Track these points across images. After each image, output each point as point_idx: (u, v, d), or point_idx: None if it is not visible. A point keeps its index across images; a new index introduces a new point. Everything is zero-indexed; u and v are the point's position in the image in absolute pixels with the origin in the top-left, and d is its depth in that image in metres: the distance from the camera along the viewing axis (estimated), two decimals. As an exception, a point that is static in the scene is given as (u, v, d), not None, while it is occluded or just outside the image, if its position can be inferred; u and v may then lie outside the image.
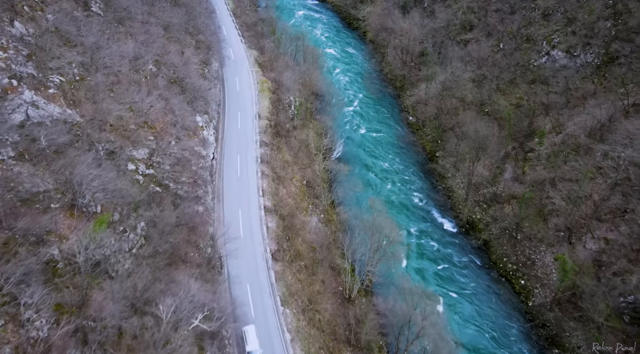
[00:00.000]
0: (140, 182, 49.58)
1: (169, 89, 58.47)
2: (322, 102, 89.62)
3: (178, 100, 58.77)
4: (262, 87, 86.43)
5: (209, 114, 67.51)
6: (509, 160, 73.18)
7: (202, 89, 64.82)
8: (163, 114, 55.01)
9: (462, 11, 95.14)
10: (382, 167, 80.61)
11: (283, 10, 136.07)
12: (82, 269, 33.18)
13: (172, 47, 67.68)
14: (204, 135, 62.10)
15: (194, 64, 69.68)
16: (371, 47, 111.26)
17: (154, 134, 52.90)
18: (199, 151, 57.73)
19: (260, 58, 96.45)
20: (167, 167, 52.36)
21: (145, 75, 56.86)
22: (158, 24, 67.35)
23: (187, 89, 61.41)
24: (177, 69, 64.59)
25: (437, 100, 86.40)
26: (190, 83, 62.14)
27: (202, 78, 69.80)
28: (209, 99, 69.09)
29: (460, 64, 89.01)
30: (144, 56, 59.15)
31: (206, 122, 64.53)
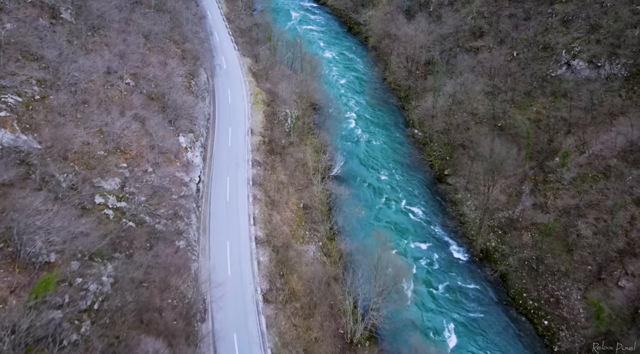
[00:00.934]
0: (110, 218, 42.84)
1: (147, 107, 51.68)
2: (320, 115, 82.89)
3: (158, 119, 51.99)
4: (256, 99, 79.67)
5: (195, 132, 60.70)
6: (527, 181, 66.41)
7: (187, 104, 58.05)
8: (139, 137, 48.22)
9: (471, 16, 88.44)
10: (386, 186, 73.75)
11: (280, 14, 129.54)
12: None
13: (154, 58, 60.91)
14: (188, 157, 55.30)
15: (179, 76, 62.93)
16: (373, 55, 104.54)
17: (128, 160, 46.10)
18: (180, 177, 50.92)
19: (255, 66, 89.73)
20: (142, 199, 45.58)
21: (119, 91, 50.05)
22: (138, 32, 60.62)
23: (169, 106, 54.61)
24: (158, 82, 57.83)
25: (445, 113, 79.64)
26: (173, 99, 55.35)
27: (188, 92, 63.00)
28: (195, 115, 62.30)
29: (470, 74, 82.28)
30: (120, 69, 52.38)
31: (191, 142, 57.74)
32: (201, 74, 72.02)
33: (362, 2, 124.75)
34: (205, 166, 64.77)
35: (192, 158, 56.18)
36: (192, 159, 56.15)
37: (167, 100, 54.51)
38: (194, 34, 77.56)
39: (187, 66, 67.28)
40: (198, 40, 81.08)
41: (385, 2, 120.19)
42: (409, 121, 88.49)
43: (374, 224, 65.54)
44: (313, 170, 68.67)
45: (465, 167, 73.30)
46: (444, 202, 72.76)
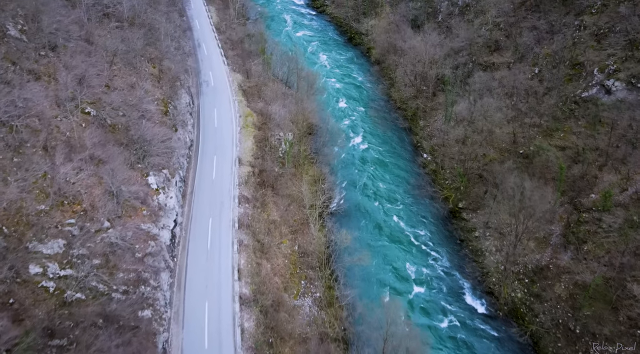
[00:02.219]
0: (50, 292, 33.90)
1: (107, 144, 42.69)
2: (318, 138, 73.95)
3: (121, 158, 43.01)
4: (246, 121, 70.77)
5: (171, 167, 51.70)
6: (557, 221, 57.39)
7: (160, 136, 49.09)
8: (93, 183, 39.20)
9: (486, 28, 79.70)
10: (392, 222, 64.62)
11: (275, 22, 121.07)
12: None
13: (122, 81, 52.05)
14: (160, 201, 46.25)
15: (153, 101, 54.04)
16: (377, 69, 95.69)
17: (77, 214, 37.09)
18: (147, 229, 41.86)
19: (246, 83, 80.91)
20: (94, 263, 36.57)
21: (73, 126, 41.08)
22: (104, 50, 51.74)
23: (136, 141, 45.62)
24: (126, 111, 48.88)
25: (459, 140, 70.70)
26: (142, 131, 46.38)
27: (163, 120, 54.04)
28: (172, 147, 53.30)
29: (486, 92, 73.41)
30: (76, 97, 43.46)
31: (165, 180, 48.74)
32: (182, 96, 63.11)
33: (363, 10, 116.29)
34: (184, 203, 55.83)
35: (165, 201, 47.14)
36: (165, 202, 47.11)
37: (133, 134, 45.50)
38: (176, 49, 68.77)
39: (165, 88, 58.39)
40: (181, 55, 72.29)
41: (388, 11, 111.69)
42: (417, 144, 79.52)
43: (379, 273, 56.45)
44: (310, 207, 59.63)
45: (483, 200, 64.38)
46: (459, 241, 63.69)
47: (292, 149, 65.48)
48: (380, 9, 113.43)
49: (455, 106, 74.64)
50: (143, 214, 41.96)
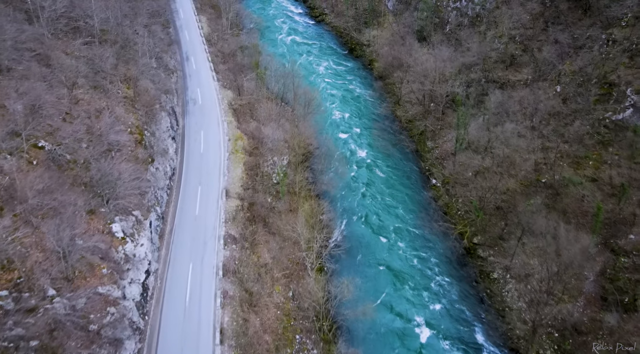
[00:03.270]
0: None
1: (57, 189, 35.34)
2: (317, 164, 66.64)
3: (78, 204, 35.68)
4: (236, 146, 63.54)
5: (144, 206, 44.33)
6: (591, 265, 50.00)
7: (130, 171, 41.73)
8: (36, 241, 31.87)
9: (500, 41, 72.70)
10: (398, 261, 57.14)
11: (271, 31, 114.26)
12: None
13: (87, 107, 44.85)
14: (127, 251, 38.85)
15: (125, 129, 46.78)
16: (380, 85, 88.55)
17: (12, 284, 29.72)
18: (107, 292, 34.40)
19: (237, 101, 73.78)
20: (33, 344, 29.17)
21: (15, 168, 33.75)
22: (68, 71, 44.53)
23: (98, 182, 38.25)
24: (91, 142, 41.63)
25: (471, 164, 63.45)
26: (107, 167, 39.05)
27: (136, 150, 46.71)
28: (147, 182, 46.00)
29: (502, 113, 66.34)
30: (26, 130, 36.22)
31: (134, 225, 41.35)
32: (162, 119, 55.87)
33: (364, 19, 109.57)
34: (161, 245, 48.47)
35: (133, 251, 39.72)
36: (133, 252, 39.70)
37: (96, 172, 38.13)
38: (157, 66, 61.68)
39: (141, 112, 51.18)
40: (165, 72, 65.29)
41: (391, 20, 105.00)
42: (425, 168, 72.26)
43: (386, 323, 48.91)
44: (306, 248, 52.22)
45: (502, 236, 57.04)
46: (474, 283, 56.24)
47: (287, 179, 58.21)
48: (382, 19, 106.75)
49: (468, 127, 67.51)
50: (102, 273, 34.56)
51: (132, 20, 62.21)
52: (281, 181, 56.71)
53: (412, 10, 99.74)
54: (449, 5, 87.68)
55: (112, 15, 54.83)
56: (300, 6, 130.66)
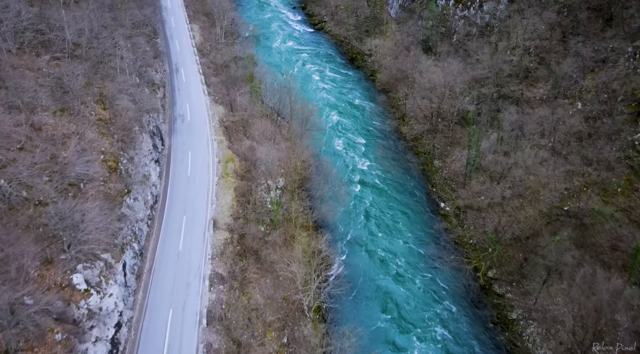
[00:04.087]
0: None
1: (4, 236, 29.64)
2: (315, 187, 60.91)
3: (29, 254, 29.96)
4: (226, 168, 57.92)
5: (116, 247, 38.64)
6: (624, 309, 44.24)
7: (99, 208, 36.09)
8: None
9: (514, 53, 67.27)
10: (404, 299, 51.37)
11: (268, 39, 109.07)
12: None
13: (52, 133, 39.25)
14: (90, 306, 33.09)
15: (98, 156, 41.14)
16: (383, 99, 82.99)
17: None
18: (60, 363, 28.64)
19: (229, 118, 68.24)
20: None
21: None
22: (28, 91, 38.92)
23: (59, 222, 32.55)
24: (53, 175, 36.00)
25: (485, 190, 57.81)
26: (69, 205, 33.39)
27: (109, 181, 41.03)
28: (126, 215, 40.36)
29: (517, 132, 60.88)
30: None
31: (101, 272, 35.61)
32: (143, 142, 50.23)
33: (366, 28, 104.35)
34: (138, 288, 42.73)
35: (99, 304, 33.96)
36: (99, 305, 33.93)
37: (56, 213, 32.44)
38: (140, 81, 56.18)
39: (117, 135, 45.57)
40: (150, 88, 59.81)
41: (394, 29, 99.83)
42: (433, 189, 66.59)
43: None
44: (303, 286, 46.43)
45: (521, 270, 51.36)
46: (491, 325, 50.43)
47: (282, 207, 52.55)
48: (385, 27, 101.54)
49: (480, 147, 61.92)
50: (55, 339, 28.80)
51: (112, 32, 56.75)
52: (275, 210, 51.01)
53: (416, 18, 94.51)
54: (456, 13, 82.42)
55: (88, 26, 49.36)
56: (298, 13, 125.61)
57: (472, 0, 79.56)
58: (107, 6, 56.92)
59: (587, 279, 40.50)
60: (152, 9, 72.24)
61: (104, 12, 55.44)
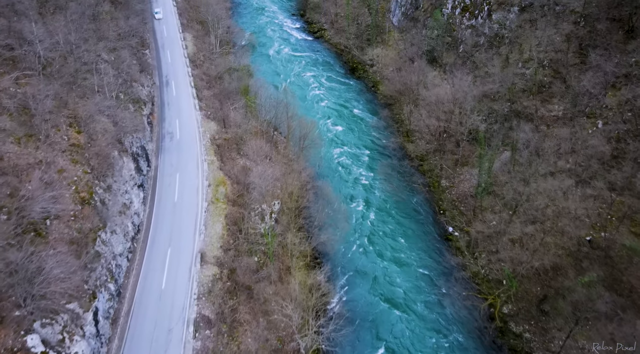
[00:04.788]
0: None
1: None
2: (313, 212, 56.20)
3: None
4: (217, 193, 53.26)
5: (85, 295, 33.90)
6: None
7: (63, 255, 31.38)
8: None
9: (527, 66, 62.76)
10: (411, 341, 46.58)
11: (265, 47, 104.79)
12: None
13: (16, 161, 34.61)
14: (50, 371, 28.32)
15: (68, 188, 36.49)
16: (386, 113, 78.40)
17: None
18: None
19: (221, 135, 63.66)
20: None
21: None
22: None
23: (15, 273, 27.83)
24: (14, 212, 31.34)
25: (497, 216, 53.18)
26: (24, 253, 28.71)
27: (79, 217, 36.32)
28: (101, 253, 35.66)
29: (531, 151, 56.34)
30: None
31: (64, 329, 30.82)
32: (122, 167, 45.54)
33: (367, 36, 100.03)
34: (114, 334, 37.96)
35: (61, 367, 29.18)
36: (60, 368, 29.16)
37: (2, 266, 27.68)
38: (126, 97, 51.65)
39: (93, 161, 40.89)
40: (136, 105, 55.28)
41: (397, 37, 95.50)
42: (440, 211, 61.94)
43: None
44: (300, 334, 41.61)
45: (541, 308, 46.60)
46: (508, 369, 45.65)
47: (276, 239, 47.85)
48: (387, 36, 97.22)
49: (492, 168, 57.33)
50: None
51: (94, 45, 52.24)
52: (269, 242, 46.26)
53: (420, 27, 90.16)
54: (463, 23, 78.03)
55: (64, 39, 44.83)
56: (297, 21, 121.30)
57: (480, 9, 75.21)
58: (88, 17, 52.45)
59: (627, 331, 35.72)
60: (141, 18, 67.79)
61: (84, 24, 50.95)
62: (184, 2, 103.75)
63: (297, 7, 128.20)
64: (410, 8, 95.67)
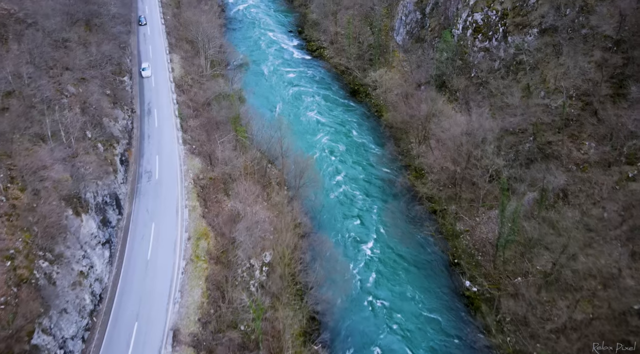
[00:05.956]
0: None
1: None
2: (310, 265, 48.53)
3: None
4: (197, 248, 45.64)
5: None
6: None
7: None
8: None
9: (551, 96, 55.55)
10: None
11: (260, 66, 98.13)
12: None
13: None
14: None
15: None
16: (392, 146, 70.95)
17: None
18: None
19: (206, 174, 56.25)
20: None
21: None
22: None
23: None
24: None
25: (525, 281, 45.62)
26: None
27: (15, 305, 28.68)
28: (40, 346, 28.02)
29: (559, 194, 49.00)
30: None
31: None
32: (81, 227, 37.98)
33: (370, 56, 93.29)
34: None
35: None
36: None
37: None
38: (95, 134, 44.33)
39: (39, 225, 33.35)
40: (106, 143, 47.96)
41: (402, 58, 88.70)
42: (454, 260, 54.37)
43: None
44: None
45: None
46: None
47: (264, 312, 40.13)
48: (391, 56, 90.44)
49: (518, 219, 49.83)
50: None
51: (59, 76, 45.02)
52: (256, 316, 38.46)
53: (426, 47, 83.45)
54: (475, 45, 71.12)
55: (13, 73, 37.60)
56: (294, 37, 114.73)
57: (495, 30, 68.35)
58: (49, 45, 45.39)
59: None
60: (117, 43, 60.59)
61: (45, 52, 43.85)
62: (174, 19, 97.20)
63: (294, 22, 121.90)
64: (416, 27, 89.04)
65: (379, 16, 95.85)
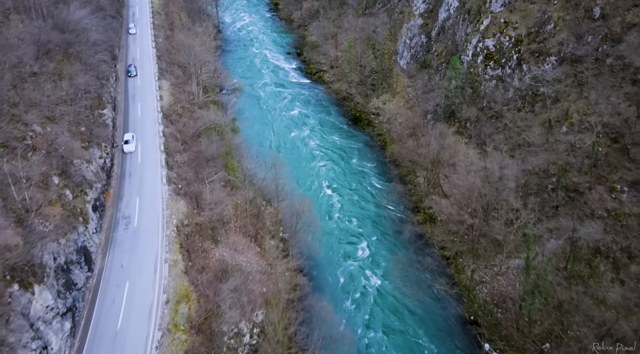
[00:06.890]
0: None
1: None
2: (309, 337, 42.24)
3: None
4: (176, 315, 39.37)
5: None
6: None
7: None
8: None
9: (577, 134, 49.93)
10: None
11: (255, 91, 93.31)
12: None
13: None
14: None
15: None
16: (399, 185, 64.89)
17: None
18: None
19: (192, 220, 50.16)
20: None
21: None
22: None
23: None
24: None
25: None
26: None
27: None
28: None
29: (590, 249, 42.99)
30: None
31: None
32: (31, 303, 31.79)
33: (372, 81, 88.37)
34: None
35: None
36: None
37: None
38: (62, 181, 38.52)
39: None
40: (75, 189, 42.12)
41: (406, 83, 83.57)
42: (470, 317, 48.05)
43: None
44: None
45: None
46: None
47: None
48: (394, 81, 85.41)
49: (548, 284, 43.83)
50: None
51: (24, 114, 39.45)
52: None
53: (432, 73, 78.46)
54: (487, 72, 65.92)
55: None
56: (293, 60, 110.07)
57: (508, 57, 63.18)
58: (9, 81, 39.90)
59: None
60: (96, 73, 55.21)
61: (3, 89, 38.39)
62: (166, 42, 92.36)
63: (293, 44, 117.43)
64: (421, 51, 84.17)
65: (381, 39, 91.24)
